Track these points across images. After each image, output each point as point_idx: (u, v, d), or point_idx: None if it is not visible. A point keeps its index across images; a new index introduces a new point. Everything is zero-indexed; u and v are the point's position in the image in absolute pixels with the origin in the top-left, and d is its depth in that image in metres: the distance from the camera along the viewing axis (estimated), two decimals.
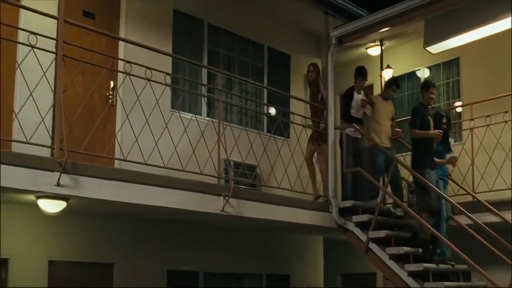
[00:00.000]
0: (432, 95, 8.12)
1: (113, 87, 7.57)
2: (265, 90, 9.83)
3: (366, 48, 10.88)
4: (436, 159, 8.00)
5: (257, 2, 9.47)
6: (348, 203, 8.23)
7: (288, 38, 10.37)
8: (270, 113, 9.79)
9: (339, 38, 8.77)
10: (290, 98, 9.78)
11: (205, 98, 8.55)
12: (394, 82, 8.98)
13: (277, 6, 9.61)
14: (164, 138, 6.58)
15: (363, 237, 7.83)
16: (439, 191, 7.66)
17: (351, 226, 8.05)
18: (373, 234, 7.72)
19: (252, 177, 8.04)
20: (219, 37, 9.35)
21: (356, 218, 8.04)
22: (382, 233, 7.68)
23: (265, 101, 9.81)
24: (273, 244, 9.59)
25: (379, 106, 8.71)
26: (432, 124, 7.99)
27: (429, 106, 8.18)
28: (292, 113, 8.64)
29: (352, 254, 8.83)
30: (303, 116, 8.92)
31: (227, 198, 6.88)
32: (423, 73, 11.03)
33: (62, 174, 5.48)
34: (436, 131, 7.86)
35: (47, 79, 5.80)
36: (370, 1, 9.93)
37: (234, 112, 9.44)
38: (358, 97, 8.92)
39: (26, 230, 6.86)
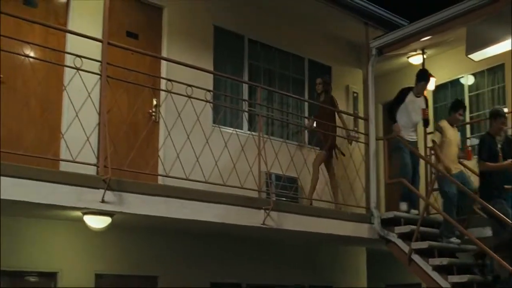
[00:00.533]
0: (502, 125, 7.60)
1: (156, 105, 7.78)
2: (306, 103, 9.90)
3: (408, 57, 10.82)
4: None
5: (296, 15, 9.53)
6: (390, 214, 8.21)
7: (329, 49, 10.40)
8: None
9: (380, 48, 8.77)
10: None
11: (246, 114, 8.68)
12: (460, 105, 8.31)
13: (316, 18, 9.63)
14: (205, 153, 6.72)
15: (406, 248, 7.78)
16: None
17: (393, 237, 8.01)
18: (416, 245, 7.68)
19: (293, 190, 8.10)
20: (259, 52, 9.50)
21: (399, 229, 8.00)
22: (424, 244, 7.62)
23: (306, 114, 9.86)
24: (315, 256, 9.61)
25: (448, 133, 8.12)
26: (501, 154, 7.55)
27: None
28: (334, 125, 8.67)
29: (397, 264, 8.77)
30: (345, 128, 8.96)
31: (267, 211, 6.96)
32: (467, 80, 10.90)
33: (107, 191, 5.70)
34: (510, 161, 7.44)
35: (91, 99, 6.02)
36: (410, 10, 9.92)
37: (275, 125, 9.54)
38: (417, 100, 8.62)
39: (73, 245, 7.09)
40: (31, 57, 5.80)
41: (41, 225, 6.69)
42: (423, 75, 8.71)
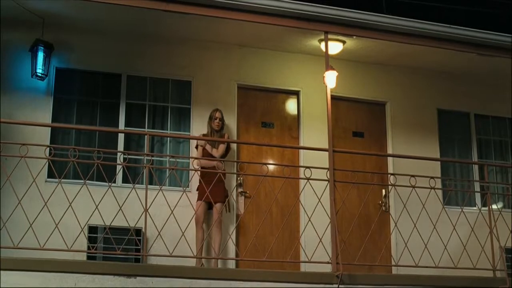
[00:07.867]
0: None
1: (385, 195, 8.47)
2: None
3: None
4: None
5: None
6: None
7: None
8: None
9: None
10: None
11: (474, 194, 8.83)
12: None
13: None
14: (434, 236, 7.04)
15: None
16: None
17: None
18: None
19: None
20: (486, 125, 9.57)
21: None
22: None
23: None
24: None
25: None
26: None
27: None
28: None
29: None
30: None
31: None
32: None
33: (340, 286, 6.48)
34: None
35: (321, 204, 6.84)
36: None
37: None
38: None
39: None
40: (269, 176, 7.04)
41: None
42: None
